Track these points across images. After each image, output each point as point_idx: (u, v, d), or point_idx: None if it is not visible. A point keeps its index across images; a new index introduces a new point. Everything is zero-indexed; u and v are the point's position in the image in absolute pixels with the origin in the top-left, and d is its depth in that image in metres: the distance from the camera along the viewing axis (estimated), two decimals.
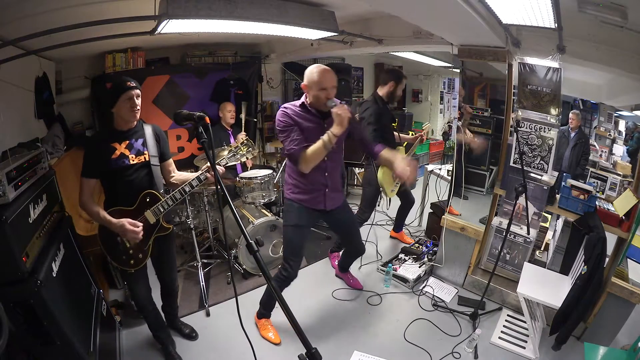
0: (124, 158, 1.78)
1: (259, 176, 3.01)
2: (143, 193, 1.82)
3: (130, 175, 1.80)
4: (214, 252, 3.26)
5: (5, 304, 1.21)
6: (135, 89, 1.75)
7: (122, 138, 1.80)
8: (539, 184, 2.48)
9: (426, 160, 5.87)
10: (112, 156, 1.75)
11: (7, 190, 1.32)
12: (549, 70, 2.28)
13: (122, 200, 1.81)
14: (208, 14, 1.90)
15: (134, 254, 1.84)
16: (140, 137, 1.85)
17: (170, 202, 1.84)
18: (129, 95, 1.73)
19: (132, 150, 1.81)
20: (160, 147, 1.93)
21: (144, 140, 1.86)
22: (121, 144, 1.79)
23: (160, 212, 1.84)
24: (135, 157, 1.81)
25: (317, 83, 1.92)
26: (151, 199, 1.84)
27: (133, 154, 1.81)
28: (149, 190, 1.84)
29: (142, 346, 2.25)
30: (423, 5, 1.75)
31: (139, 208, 1.82)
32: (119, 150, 1.77)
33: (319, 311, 2.64)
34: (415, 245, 3.43)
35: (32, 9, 1.82)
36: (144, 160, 1.83)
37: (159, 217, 1.85)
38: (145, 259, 1.87)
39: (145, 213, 1.81)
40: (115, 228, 1.73)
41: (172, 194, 1.84)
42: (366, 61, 5.84)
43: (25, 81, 2.47)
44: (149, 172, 1.85)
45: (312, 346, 0.88)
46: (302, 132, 1.98)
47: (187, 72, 3.78)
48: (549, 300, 2.05)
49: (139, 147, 1.84)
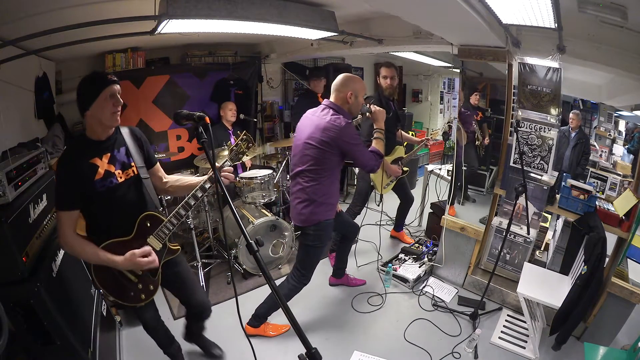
0: (110, 177, 1.44)
1: (259, 176, 3.01)
2: (141, 217, 1.51)
3: (120, 197, 1.47)
4: (214, 252, 3.26)
5: (5, 304, 1.21)
6: (117, 83, 1.41)
7: (102, 150, 1.45)
8: (539, 184, 2.48)
9: (426, 160, 5.86)
10: (95, 177, 1.40)
11: (7, 190, 1.33)
12: (549, 70, 2.28)
13: (114, 228, 1.48)
14: (208, 14, 1.90)
15: (143, 288, 1.57)
16: (122, 145, 1.52)
17: (175, 221, 1.54)
18: (111, 91, 1.38)
19: (117, 164, 1.48)
20: (144, 152, 1.61)
21: (126, 148, 1.53)
22: (102, 159, 1.44)
23: (166, 234, 1.55)
24: (123, 173, 1.48)
25: (361, 90, 2.03)
26: (152, 222, 1.54)
27: (119, 169, 1.48)
28: (147, 212, 1.53)
29: (142, 346, 2.24)
30: (423, 5, 1.75)
31: (139, 235, 1.51)
32: (102, 168, 1.42)
33: (319, 311, 2.64)
34: (415, 245, 3.43)
35: (32, 9, 1.82)
36: (132, 174, 1.52)
37: (165, 241, 1.57)
38: (157, 288, 1.62)
39: (149, 240, 1.52)
40: (124, 265, 1.44)
41: (175, 211, 1.53)
42: (366, 61, 5.84)
43: (25, 81, 2.47)
44: (140, 188, 1.55)
45: (312, 346, 0.88)
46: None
47: (187, 72, 3.78)
48: (549, 300, 2.05)
49: (123, 158, 1.51)
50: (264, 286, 2.84)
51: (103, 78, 1.39)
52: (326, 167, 2.03)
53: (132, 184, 1.53)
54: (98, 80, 1.38)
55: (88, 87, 1.38)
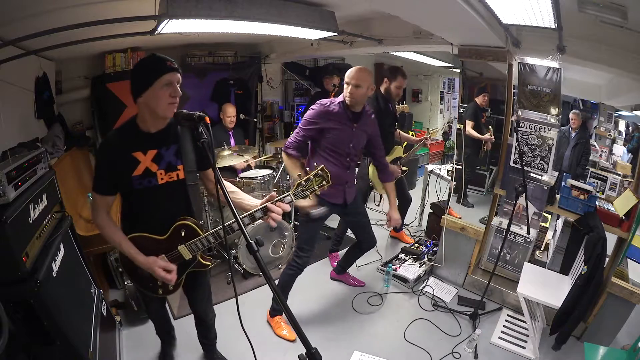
0: (150, 176, 1.35)
1: (259, 176, 3.02)
2: (177, 224, 1.42)
3: (157, 200, 1.39)
4: (214, 252, 3.25)
5: (5, 304, 1.21)
6: (178, 71, 1.29)
7: (149, 145, 1.35)
8: (539, 184, 2.48)
9: (426, 160, 5.86)
10: (133, 173, 1.33)
11: (7, 190, 1.32)
12: (549, 70, 2.28)
13: (147, 225, 1.42)
14: (208, 14, 1.90)
15: (163, 285, 1.52)
16: (174, 143, 1.39)
17: (212, 240, 1.42)
18: (169, 79, 1.26)
19: (162, 163, 1.37)
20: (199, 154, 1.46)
21: (177, 147, 1.39)
22: (146, 154, 1.34)
23: (199, 248, 1.44)
24: (165, 174, 1.38)
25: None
26: (187, 232, 1.44)
27: (162, 168, 1.37)
28: (185, 222, 1.42)
29: (142, 346, 2.25)
30: (423, 5, 1.75)
31: (172, 240, 1.43)
32: (144, 164, 1.33)
33: (318, 311, 2.64)
34: (415, 245, 3.43)
35: (32, 9, 1.82)
36: (176, 178, 1.40)
37: (196, 255, 1.47)
38: (176, 289, 1.55)
39: (179, 248, 1.43)
40: (143, 266, 1.38)
41: (215, 230, 1.40)
42: (366, 61, 5.83)
43: (25, 81, 2.47)
44: (182, 194, 1.43)
45: (312, 346, 0.88)
46: (335, 130, 2.10)
47: (187, 72, 3.77)
48: (549, 300, 2.05)
49: (171, 158, 1.39)
50: (264, 286, 2.84)
51: (161, 63, 1.25)
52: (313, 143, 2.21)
53: (174, 188, 1.41)
54: (155, 65, 1.25)
55: (143, 72, 1.27)
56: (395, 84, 2.91)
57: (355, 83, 2.04)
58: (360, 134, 2.20)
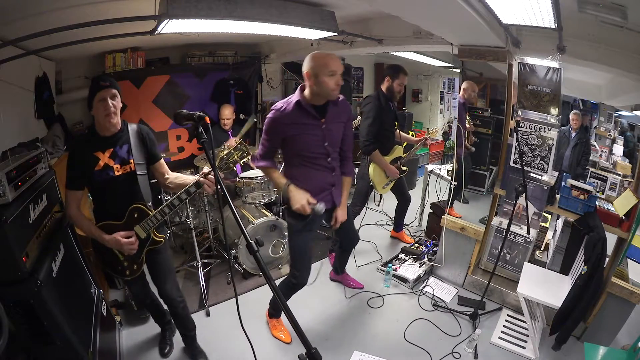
0: (108, 170, 1.65)
1: (259, 176, 3.01)
2: (130, 208, 1.71)
3: (116, 188, 1.69)
4: (214, 252, 3.26)
5: (5, 304, 1.21)
6: (110, 88, 1.57)
7: (106, 145, 1.66)
8: (539, 184, 2.48)
9: (426, 160, 5.86)
10: (95, 168, 1.63)
11: (7, 190, 1.32)
12: (549, 70, 2.28)
13: (110, 212, 1.72)
14: (208, 14, 1.90)
15: (128, 266, 1.80)
16: (125, 143, 1.71)
17: (160, 217, 1.73)
18: (101, 96, 1.56)
19: (117, 159, 1.68)
20: (147, 150, 1.78)
21: (129, 146, 1.71)
22: (104, 153, 1.65)
23: (150, 226, 1.74)
24: (120, 168, 1.69)
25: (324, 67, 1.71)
26: (139, 214, 1.73)
27: (117, 163, 1.68)
28: (136, 205, 1.73)
29: (142, 346, 2.25)
30: (423, 5, 1.75)
31: (128, 222, 1.73)
32: (103, 161, 1.64)
33: (318, 311, 2.63)
34: (415, 245, 3.43)
35: (32, 9, 1.82)
36: (129, 170, 1.71)
37: (149, 232, 1.76)
38: (139, 269, 1.84)
39: (135, 228, 1.73)
40: (109, 244, 1.67)
41: (160, 208, 1.72)
42: (366, 61, 5.84)
43: (25, 81, 2.47)
44: (135, 183, 1.73)
45: (312, 346, 0.88)
46: (299, 135, 1.84)
47: (187, 72, 3.78)
48: (549, 300, 2.05)
49: (124, 155, 1.70)
50: (264, 286, 2.85)
51: (95, 83, 1.56)
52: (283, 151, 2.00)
53: (127, 178, 1.71)
54: (92, 85, 1.57)
55: (89, 91, 1.58)
56: (398, 81, 2.91)
57: (314, 73, 1.73)
58: (333, 128, 1.91)
